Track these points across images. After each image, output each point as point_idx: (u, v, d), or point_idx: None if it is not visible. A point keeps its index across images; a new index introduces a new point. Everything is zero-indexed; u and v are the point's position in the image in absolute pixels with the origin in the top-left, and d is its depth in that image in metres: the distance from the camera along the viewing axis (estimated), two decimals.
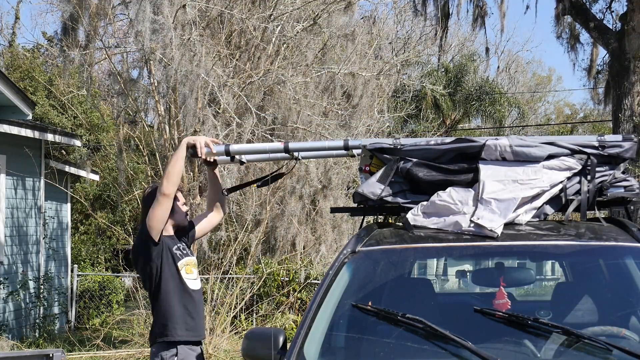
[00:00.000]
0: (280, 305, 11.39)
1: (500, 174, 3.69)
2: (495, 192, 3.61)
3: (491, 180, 3.66)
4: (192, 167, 10.67)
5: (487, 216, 3.52)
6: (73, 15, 10.55)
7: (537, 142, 3.81)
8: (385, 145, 3.86)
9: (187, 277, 4.23)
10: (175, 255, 4.21)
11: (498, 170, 3.71)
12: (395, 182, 3.79)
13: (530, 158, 3.72)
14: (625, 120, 11.93)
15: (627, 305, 3.26)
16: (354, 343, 3.16)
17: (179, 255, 4.24)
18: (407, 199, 3.77)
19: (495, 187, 3.64)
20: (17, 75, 18.54)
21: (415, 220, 3.65)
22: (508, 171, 3.70)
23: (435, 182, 3.75)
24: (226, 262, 10.36)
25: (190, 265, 4.30)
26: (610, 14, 14.04)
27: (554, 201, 3.72)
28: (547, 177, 3.69)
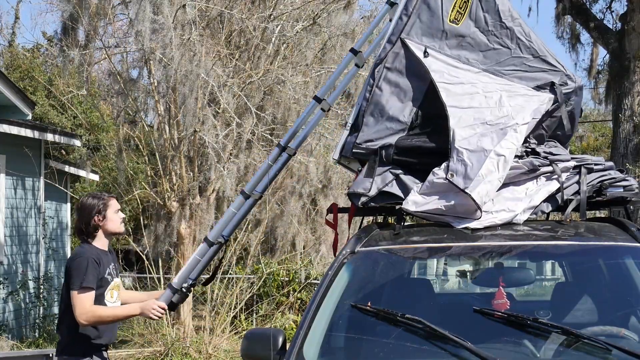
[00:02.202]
0: (280, 305, 11.39)
1: (468, 117, 3.69)
2: (467, 139, 3.60)
3: (461, 127, 3.65)
4: (192, 167, 10.67)
5: (460, 170, 3.53)
6: (73, 15, 10.54)
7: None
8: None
9: (110, 301, 4.22)
10: (106, 281, 4.20)
11: (466, 114, 3.70)
12: (384, 171, 3.78)
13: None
14: (626, 120, 11.93)
15: (627, 305, 3.26)
16: (354, 343, 3.16)
17: (109, 279, 4.23)
18: (403, 183, 3.75)
19: (465, 133, 3.63)
20: (17, 75, 18.54)
21: (416, 204, 3.61)
22: (475, 113, 3.70)
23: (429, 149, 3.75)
24: (226, 262, 10.36)
25: (114, 289, 4.29)
26: (611, 14, 14.04)
27: (551, 200, 3.72)
28: (514, 109, 3.68)
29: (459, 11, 3.95)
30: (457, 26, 3.93)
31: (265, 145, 11.40)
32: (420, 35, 3.94)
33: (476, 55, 3.94)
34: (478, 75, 3.90)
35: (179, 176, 10.54)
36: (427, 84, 3.87)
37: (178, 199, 10.58)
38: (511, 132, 3.61)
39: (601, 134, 27.61)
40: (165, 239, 10.70)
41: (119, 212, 4.35)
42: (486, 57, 3.94)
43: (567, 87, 3.89)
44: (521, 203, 3.64)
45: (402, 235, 3.62)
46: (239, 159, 10.45)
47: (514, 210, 3.61)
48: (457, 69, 3.88)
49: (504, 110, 3.70)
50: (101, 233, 4.27)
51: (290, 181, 11.54)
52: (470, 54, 3.95)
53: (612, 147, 12.57)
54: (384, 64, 3.92)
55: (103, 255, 4.24)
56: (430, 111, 3.84)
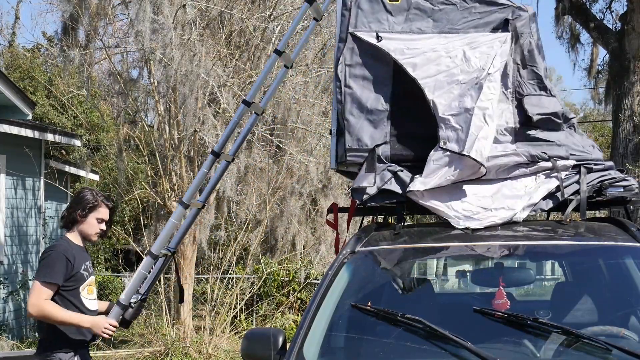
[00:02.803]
0: (280, 305, 11.40)
1: (441, 83, 3.74)
2: (448, 105, 3.68)
3: (438, 95, 3.71)
4: (192, 167, 10.67)
5: (452, 136, 3.59)
6: (73, 15, 10.54)
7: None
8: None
9: (87, 297, 4.23)
10: (82, 277, 4.20)
11: (438, 81, 3.76)
12: (382, 170, 3.79)
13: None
14: (625, 120, 11.92)
15: (627, 305, 3.26)
16: (354, 343, 3.15)
17: (85, 275, 4.23)
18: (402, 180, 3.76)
19: (444, 99, 3.71)
20: (17, 75, 18.54)
21: (424, 184, 3.63)
22: (446, 76, 3.76)
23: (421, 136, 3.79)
24: (226, 262, 10.36)
25: (92, 285, 4.29)
26: (610, 14, 14.03)
27: (551, 198, 3.72)
28: (480, 59, 3.74)
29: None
30: (398, 3, 3.98)
31: (265, 145, 11.40)
32: (367, 24, 3.97)
33: (426, 22, 3.98)
34: (436, 40, 3.93)
35: (179, 176, 10.54)
36: (391, 66, 3.90)
37: (178, 198, 10.57)
38: (486, 83, 3.69)
39: (601, 134, 27.63)
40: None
41: (103, 222, 4.32)
42: (436, 20, 3.98)
43: (520, 18, 3.94)
44: (520, 201, 3.64)
45: (402, 235, 3.62)
46: (239, 159, 10.45)
47: (513, 209, 3.62)
48: (414, 41, 3.92)
49: (471, 64, 3.79)
50: (76, 231, 4.28)
51: (290, 181, 11.54)
52: (421, 22, 3.98)
53: (612, 147, 12.56)
54: (343, 63, 3.94)
55: (79, 250, 4.24)
56: (406, 88, 3.87)
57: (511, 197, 3.67)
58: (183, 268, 10.48)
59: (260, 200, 11.05)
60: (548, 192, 3.70)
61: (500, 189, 3.72)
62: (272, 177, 11.13)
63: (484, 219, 3.59)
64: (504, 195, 3.69)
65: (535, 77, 3.93)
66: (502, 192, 3.70)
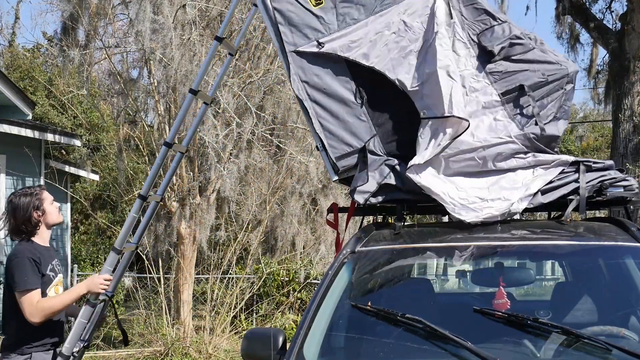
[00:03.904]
0: (280, 305, 11.40)
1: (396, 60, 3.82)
2: (412, 78, 3.77)
3: (398, 73, 3.80)
4: (192, 167, 10.67)
5: (428, 104, 3.67)
6: (73, 15, 10.54)
7: None
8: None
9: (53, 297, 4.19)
10: (49, 279, 4.15)
11: (393, 59, 3.83)
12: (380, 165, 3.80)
13: None
14: (625, 120, 11.92)
15: (627, 305, 3.26)
16: (354, 343, 3.15)
17: (52, 276, 4.19)
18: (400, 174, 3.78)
19: (406, 74, 3.79)
20: (17, 75, 18.54)
21: (422, 157, 3.67)
22: (397, 52, 3.84)
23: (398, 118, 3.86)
24: (226, 262, 10.36)
25: (59, 284, 4.26)
26: (610, 14, 14.04)
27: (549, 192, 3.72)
28: (421, 22, 3.84)
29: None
30: (323, 5, 4.01)
31: (265, 145, 11.40)
32: (304, 36, 3.99)
33: (357, 10, 4.00)
34: (373, 22, 3.97)
35: (179, 176, 10.54)
36: (344, 63, 3.94)
37: (178, 198, 10.58)
38: (437, 41, 3.78)
39: (601, 134, 27.63)
40: (165, 238, 10.70)
41: (54, 202, 4.31)
42: (365, 5, 4.01)
43: None
44: (517, 192, 3.64)
45: (402, 235, 3.62)
46: (239, 159, 10.45)
47: (509, 199, 3.61)
48: (354, 32, 3.95)
49: (415, 30, 3.88)
50: (43, 228, 4.23)
51: (290, 181, 11.54)
52: (353, 12, 4.00)
53: (611, 147, 12.56)
54: (298, 81, 3.97)
55: (44, 251, 4.19)
56: (369, 78, 3.91)
57: (508, 189, 3.68)
58: (183, 268, 10.48)
59: (260, 200, 11.05)
60: (546, 185, 3.70)
61: (498, 182, 3.73)
62: (272, 177, 11.13)
63: (480, 210, 3.58)
64: (500, 187, 3.69)
65: (479, 12, 3.96)
66: (499, 184, 3.71)
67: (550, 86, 3.89)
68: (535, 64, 3.89)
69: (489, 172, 3.78)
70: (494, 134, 3.80)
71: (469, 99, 3.82)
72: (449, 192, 3.68)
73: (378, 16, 3.96)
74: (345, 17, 3.99)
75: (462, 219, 3.59)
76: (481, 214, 3.60)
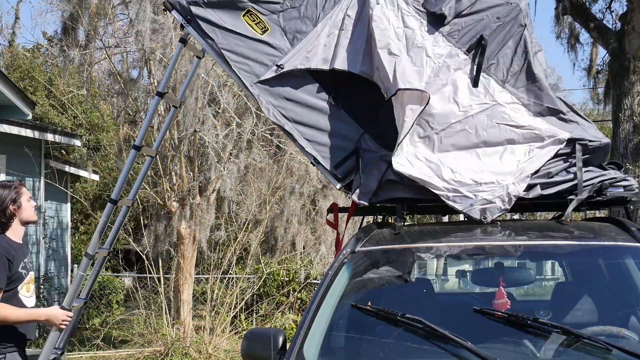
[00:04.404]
0: (280, 305, 11.40)
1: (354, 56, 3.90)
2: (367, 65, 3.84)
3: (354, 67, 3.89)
4: (192, 167, 10.67)
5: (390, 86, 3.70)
6: (73, 15, 10.55)
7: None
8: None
9: (25, 295, 4.19)
10: (21, 276, 4.16)
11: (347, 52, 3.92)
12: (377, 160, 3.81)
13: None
14: (625, 120, 11.92)
15: (627, 305, 3.26)
16: (354, 343, 3.15)
17: (24, 274, 4.19)
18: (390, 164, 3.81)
19: (362, 62, 3.87)
20: (17, 75, 18.54)
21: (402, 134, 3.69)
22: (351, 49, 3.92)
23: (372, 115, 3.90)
24: (226, 262, 10.36)
25: (30, 282, 4.26)
26: (610, 14, 14.02)
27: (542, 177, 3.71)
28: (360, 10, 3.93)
29: (256, 22, 4.09)
30: (270, 30, 4.07)
31: (265, 145, 11.40)
32: (262, 65, 4.05)
33: (303, 23, 4.06)
34: (322, 29, 4.02)
35: (179, 176, 10.54)
36: (308, 74, 3.98)
37: (178, 199, 10.58)
38: (372, 23, 3.86)
39: None
40: (165, 238, 10.70)
41: (31, 199, 4.32)
42: (309, 16, 4.06)
43: None
44: (510, 175, 3.63)
45: (402, 235, 3.62)
46: (239, 159, 10.45)
47: (503, 181, 3.60)
48: (307, 44, 4.01)
49: (353, 18, 3.98)
50: (16, 223, 4.23)
51: (290, 181, 11.54)
52: (300, 26, 4.06)
53: (612, 147, 12.56)
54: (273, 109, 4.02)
55: (18, 248, 4.20)
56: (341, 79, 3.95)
57: (502, 173, 3.67)
58: (183, 268, 10.48)
59: (260, 200, 11.05)
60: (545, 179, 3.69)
61: (492, 166, 3.71)
62: (272, 177, 11.13)
63: (474, 196, 3.58)
64: (492, 172, 3.67)
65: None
66: (494, 169, 3.69)
67: (509, 27, 3.90)
68: (487, 11, 3.92)
69: (485, 143, 3.76)
70: (476, 99, 3.80)
71: (438, 65, 3.85)
72: (443, 174, 3.67)
73: (325, 20, 4.02)
74: (295, 33, 4.05)
75: (457, 207, 3.58)
76: (476, 201, 3.58)
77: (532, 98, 3.84)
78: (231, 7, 4.08)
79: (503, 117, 3.77)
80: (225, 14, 4.08)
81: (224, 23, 4.07)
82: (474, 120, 3.74)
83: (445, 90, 3.81)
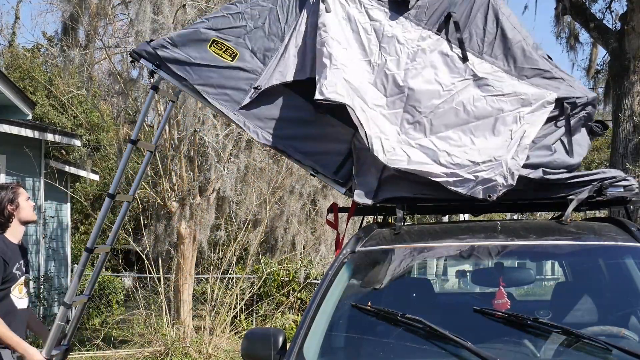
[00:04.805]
0: (280, 305, 11.40)
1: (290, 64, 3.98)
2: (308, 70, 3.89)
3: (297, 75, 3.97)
4: (192, 167, 10.67)
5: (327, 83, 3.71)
6: (73, 15, 10.54)
7: None
8: None
9: (17, 296, 4.20)
10: (15, 277, 4.17)
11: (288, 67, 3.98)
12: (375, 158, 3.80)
13: None
14: (625, 120, 11.92)
15: (627, 305, 3.26)
16: (354, 343, 3.15)
17: (18, 275, 4.20)
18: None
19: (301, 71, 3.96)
20: (17, 75, 18.53)
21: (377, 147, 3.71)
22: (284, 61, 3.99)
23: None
24: (226, 262, 10.36)
25: (22, 284, 4.27)
26: (610, 14, 14.02)
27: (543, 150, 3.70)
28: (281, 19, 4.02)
29: (224, 50, 4.11)
30: (239, 55, 4.09)
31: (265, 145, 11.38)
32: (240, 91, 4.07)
33: (271, 41, 4.09)
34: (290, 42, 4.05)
35: (179, 176, 10.54)
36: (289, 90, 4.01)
37: (178, 199, 10.58)
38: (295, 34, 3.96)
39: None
40: (165, 238, 10.70)
41: (29, 199, 4.34)
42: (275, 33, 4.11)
43: None
44: (506, 149, 3.62)
45: (402, 235, 3.62)
46: (239, 159, 10.45)
47: (501, 156, 3.60)
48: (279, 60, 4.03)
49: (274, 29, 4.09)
50: (15, 223, 4.25)
51: (290, 181, 11.54)
52: (269, 45, 4.09)
53: (611, 147, 12.56)
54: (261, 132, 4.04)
55: (14, 249, 4.21)
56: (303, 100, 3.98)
57: (497, 149, 3.65)
58: (183, 268, 10.48)
59: (260, 200, 11.05)
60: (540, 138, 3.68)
61: (487, 143, 3.69)
62: (272, 177, 11.14)
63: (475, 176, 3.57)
64: (489, 149, 3.66)
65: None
66: (489, 145, 3.68)
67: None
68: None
69: (475, 117, 3.75)
70: (457, 76, 3.80)
71: (413, 50, 3.86)
72: (439, 158, 3.66)
73: (291, 33, 4.05)
74: (264, 52, 4.07)
75: (461, 192, 3.58)
76: (477, 182, 3.57)
77: (512, 63, 3.84)
78: (196, 41, 4.11)
79: (487, 89, 3.77)
80: (192, 49, 4.10)
81: (193, 59, 4.09)
82: (459, 97, 3.74)
83: (425, 73, 3.83)
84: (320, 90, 3.71)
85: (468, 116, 3.74)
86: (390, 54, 3.88)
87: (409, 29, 3.91)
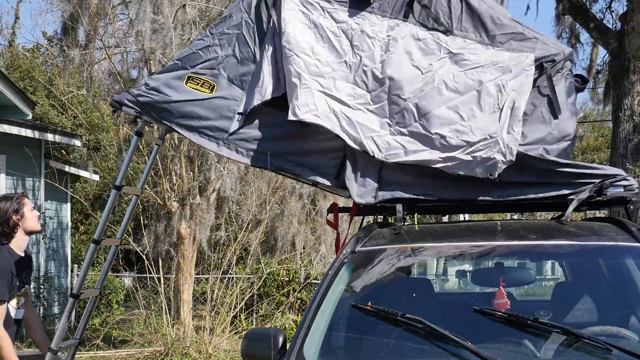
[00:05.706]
0: (280, 305, 11.40)
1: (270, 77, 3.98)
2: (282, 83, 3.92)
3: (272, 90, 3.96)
4: (192, 167, 10.67)
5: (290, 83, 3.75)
6: (73, 15, 10.55)
7: None
8: None
9: (12, 306, 4.21)
10: (16, 287, 4.18)
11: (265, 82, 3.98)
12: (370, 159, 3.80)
13: None
14: (625, 120, 11.91)
15: (627, 305, 3.26)
16: (354, 343, 3.15)
17: (19, 287, 4.22)
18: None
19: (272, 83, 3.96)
20: (17, 75, 18.53)
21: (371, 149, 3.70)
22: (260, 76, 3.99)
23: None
24: (226, 262, 10.36)
25: (22, 295, 4.29)
26: (610, 14, 14.02)
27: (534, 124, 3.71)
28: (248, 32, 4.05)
29: (201, 84, 4.11)
30: (217, 86, 4.10)
31: None
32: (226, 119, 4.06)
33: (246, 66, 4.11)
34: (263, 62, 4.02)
35: (179, 176, 10.54)
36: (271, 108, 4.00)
37: (178, 199, 10.58)
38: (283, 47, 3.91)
39: (601, 134, 27.62)
40: (165, 238, 10.70)
41: (34, 210, 4.35)
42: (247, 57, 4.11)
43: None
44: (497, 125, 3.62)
45: (402, 235, 3.62)
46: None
47: (495, 133, 3.60)
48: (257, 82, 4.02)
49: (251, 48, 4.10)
50: (20, 233, 4.25)
51: (290, 181, 11.54)
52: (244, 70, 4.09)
53: (611, 147, 12.56)
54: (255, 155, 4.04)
55: (19, 261, 4.22)
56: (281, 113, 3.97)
57: (490, 125, 3.65)
58: (183, 268, 10.48)
59: (260, 200, 11.05)
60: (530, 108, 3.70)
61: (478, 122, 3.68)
62: (272, 177, 11.14)
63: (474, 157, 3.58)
64: (478, 127, 3.66)
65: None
66: (479, 124, 3.67)
67: None
68: None
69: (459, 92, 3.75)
70: (433, 56, 3.82)
71: (384, 42, 3.88)
72: (435, 144, 3.67)
73: (261, 53, 4.05)
74: (241, 78, 4.08)
75: (462, 173, 3.60)
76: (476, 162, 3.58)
77: (484, 32, 3.87)
78: (173, 80, 4.11)
79: (465, 64, 3.79)
80: (169, 89, 4.10)
81: (172, 98, 4.09)
82: (439, 76, 3.76)
83: (401, 60, 3.84)
84: (293, 112, 3.74)
85: (452, 92, 3.76)
86: (364, 50, 3.89)
87: (376, 22, 3.93)
